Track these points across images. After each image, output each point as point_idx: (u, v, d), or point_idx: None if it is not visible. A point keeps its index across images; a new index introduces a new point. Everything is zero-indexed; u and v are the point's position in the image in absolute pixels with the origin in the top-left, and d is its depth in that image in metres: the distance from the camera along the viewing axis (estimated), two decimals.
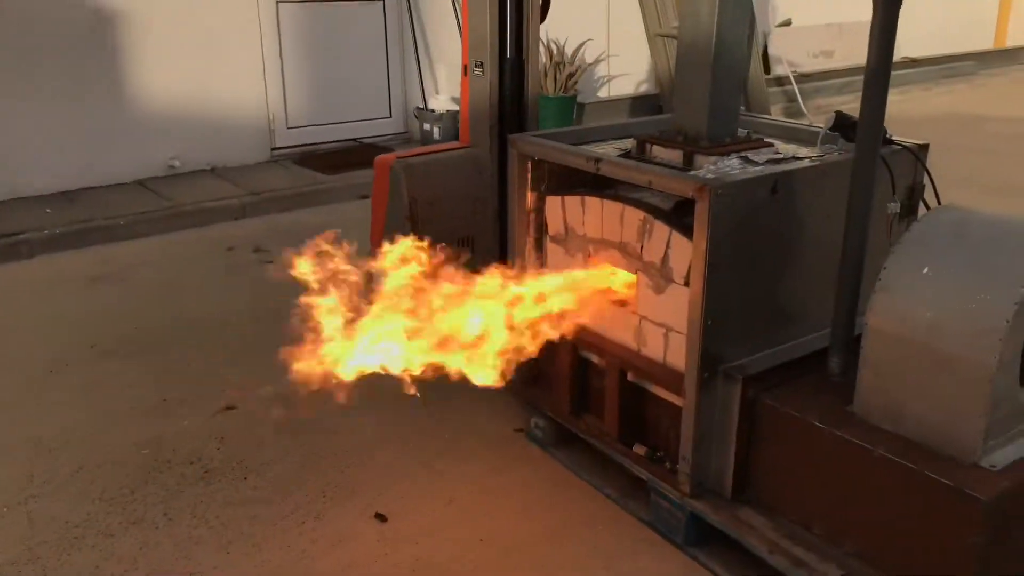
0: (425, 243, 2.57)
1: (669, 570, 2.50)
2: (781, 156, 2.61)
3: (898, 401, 2.16)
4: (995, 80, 11.84)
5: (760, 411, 2.39)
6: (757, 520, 2.40)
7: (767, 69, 10.00)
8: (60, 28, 5.78)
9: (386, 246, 2.58)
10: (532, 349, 2.60)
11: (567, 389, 2.91)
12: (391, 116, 7.53)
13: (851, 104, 8.57)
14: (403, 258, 2.54)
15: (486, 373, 2.48)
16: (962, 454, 2.06)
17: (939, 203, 2.60)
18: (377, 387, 2.47)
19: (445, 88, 7.41)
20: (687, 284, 2.41)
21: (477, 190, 3.56)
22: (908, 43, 11.68)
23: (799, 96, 7.74)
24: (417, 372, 2.47)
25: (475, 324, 2.53)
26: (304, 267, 2.45)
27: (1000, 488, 1.98)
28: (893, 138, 2.67)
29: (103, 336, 4.00)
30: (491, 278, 2.59)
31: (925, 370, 2.10)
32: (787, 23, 10.14)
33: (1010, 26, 13.32)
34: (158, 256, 5.16)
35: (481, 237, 3.58)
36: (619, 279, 2.77)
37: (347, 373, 2.43)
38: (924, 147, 2.72)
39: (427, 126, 7.19)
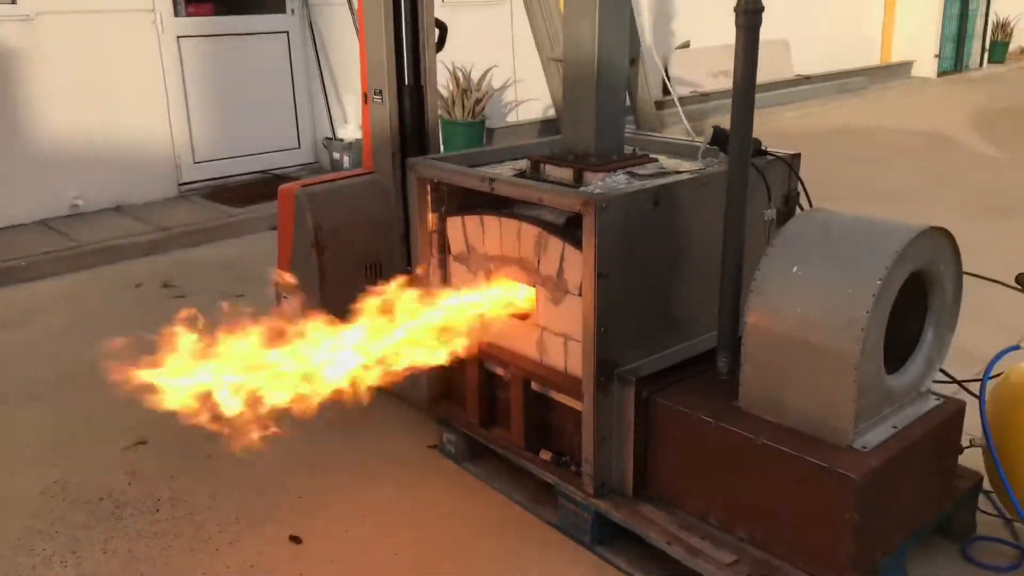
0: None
1: (579, 571, 2.59)
2: (664, 171, 2.77)
3: (777, 393, 2.31)
4: (885, 93, 12.49)
5: (654, 411, 2.52)
6: (657, 515, 2.52)
7: (668, 90, 10.37)
8: None
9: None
10: (439, 364, 2.69)
11: (476, 402, 3.00)
12: (300, 147, 7.55)
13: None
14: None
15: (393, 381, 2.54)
16: (836, 438, 2.21)
17: (811, 207, 2.78)
18: (285, 416, 2.50)
19: (353, 117, 7.48)
20: (581, 294, 2.53)
21: (382, 215, 3.63)
22: (803, 62, 12.26)
23: (682, 116, 8.13)
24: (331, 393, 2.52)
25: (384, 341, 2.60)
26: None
27: (870, 467, 2.14)
28: (767, 149, 2.86)
29: (1, 382, 3.91)
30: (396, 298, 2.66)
31: (799, 363, 2.25)
32: (685, 45, 10.53)
33: (894, 43, 14.08)
34: (64, 297, 5.06)
35: (389, 262, 3.65)
36: (520, 293, 2.87)
37: (258, 403, 2.47)
38: (796, 156, 2.91)
39: (336, 155, 7.24)
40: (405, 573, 2.61)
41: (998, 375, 2.56)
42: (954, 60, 14.37)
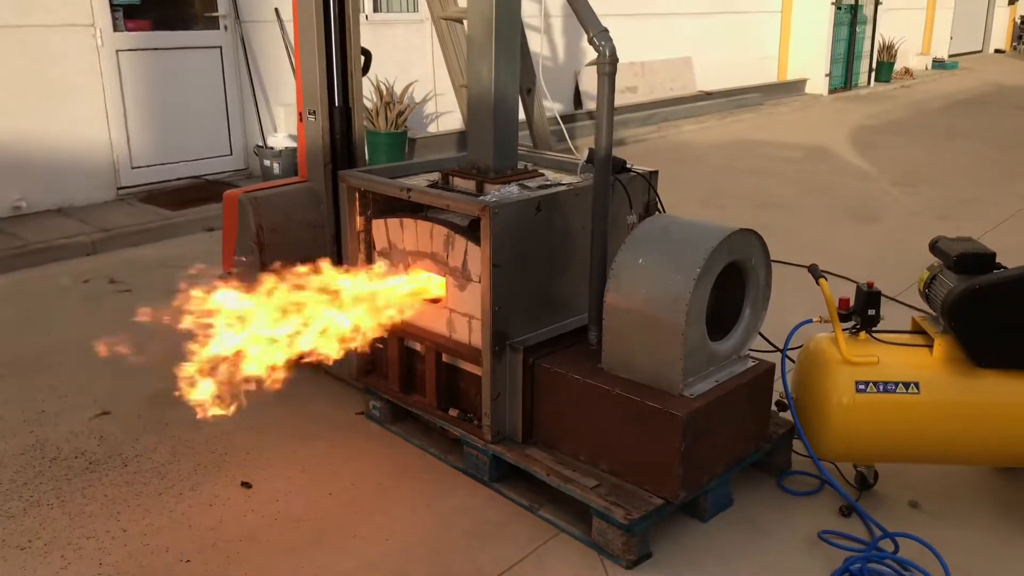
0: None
1: (478, 503, 3.24)
2: (548, 183, 3.44)
3: (628, 355, 3.01)
4: (778, 109, 13.53)
5: (538, 373, 3.18)
6: (540, 455, 3.18)
7: (579, 104, 11.14)
8: None
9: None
10: (366, 340, 3.30)
11: (397, 373, 3.62)
12: (232, 154, 8.04)
13: (655, 133, 10.03)
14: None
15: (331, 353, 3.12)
16: (670, 388, 2.91)
17: (663, 212, 3.50)
18: (234, 386, 3.05)
19: (283, 127, 8.00)
20: (480, 281, 3.18)
21: (315, 218, 4.22)
22: (705, 79, 13.20)
23: (567, 136, 8.93)
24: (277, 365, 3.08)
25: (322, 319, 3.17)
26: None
27: (693, 407, 2.84)
28: (631, 167, 3.56)
29: None
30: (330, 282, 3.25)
31: (643, 331, 2.95)
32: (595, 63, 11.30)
33: (790, 61, 15.19)
34: (14, 292, 5.48)
35: (321, 258, 4.23)
36: (432, 282, 3.50)
37: (208, 374, 3.01)
38: (654, 173, 3.62)
39: (267, 162, 7.74)
40: (338, 508, 3.21)
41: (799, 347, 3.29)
42: (844, 79, 15.58)
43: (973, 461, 3.23)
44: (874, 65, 16.36)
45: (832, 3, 14.72)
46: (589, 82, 11.25)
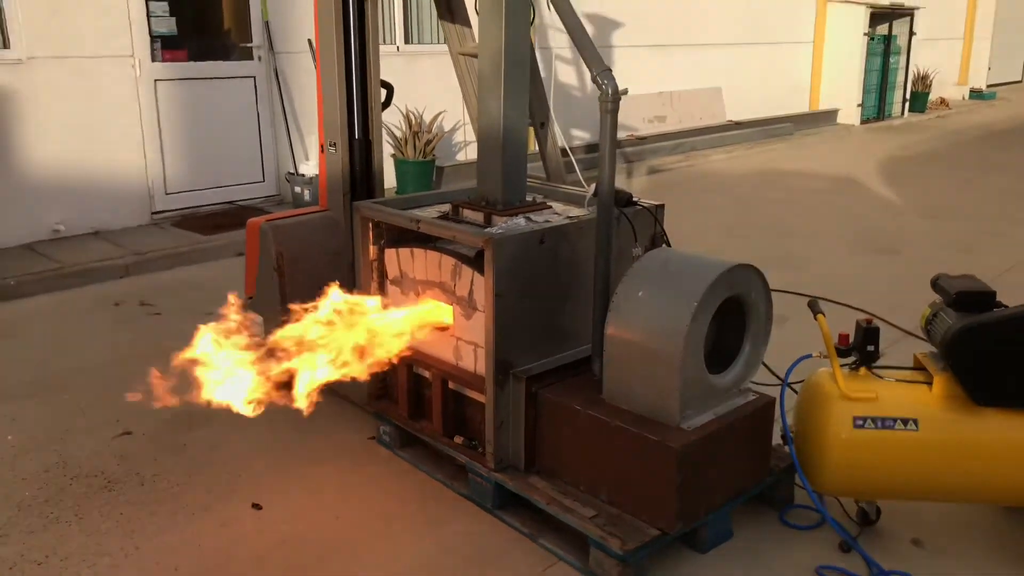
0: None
1: (480, 529, 3.30)
2: (555, 216, 3.52)
3: (628, 386, 3.06)
4: (808, 139, 13.52)
5: (540, 402, 3.25)
6: (541, 484, 3.24)
7: None
8: None
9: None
10: (379, 367, 3.39)
11: (405, 399, 3.71)
12: (264, 180, 8.25)
13: (683, 162, 10.07)
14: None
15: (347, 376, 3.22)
16: (668, 420, 2.96)
17: (669, 246, 3.56)
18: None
19: (314, 155, 8.19)
20: (485, 311, 3.26)
21: (334, 246, 4.34)
22: (735, 108, 13.24)
23: (577, 168, 8.94)
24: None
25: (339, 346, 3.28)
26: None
27: (689, 440, 2.89)
28: (638, 200, 3.63)
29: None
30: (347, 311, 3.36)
31: (642, 363, 3.00)
32: (623, 93, 11.41)
33: (822, 91, 15.18)
34: (49, 312, 5.68)
35: (340, 285, 4.34)
36: (441, 310, 3.59)
37: (229, 399, 3.13)
38: (660, 207, 3.68)
39: (298, 189, 7.93)
40: (344, 531, 3.29)
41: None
42: (877, 109, 15.52)
43: (974, 500, 3.22)
44: (908, 95, 16.27)
45: (865, 34, 14.70)
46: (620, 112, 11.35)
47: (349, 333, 3.32)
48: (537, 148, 4.53)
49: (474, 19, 3.95)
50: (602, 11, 10.82)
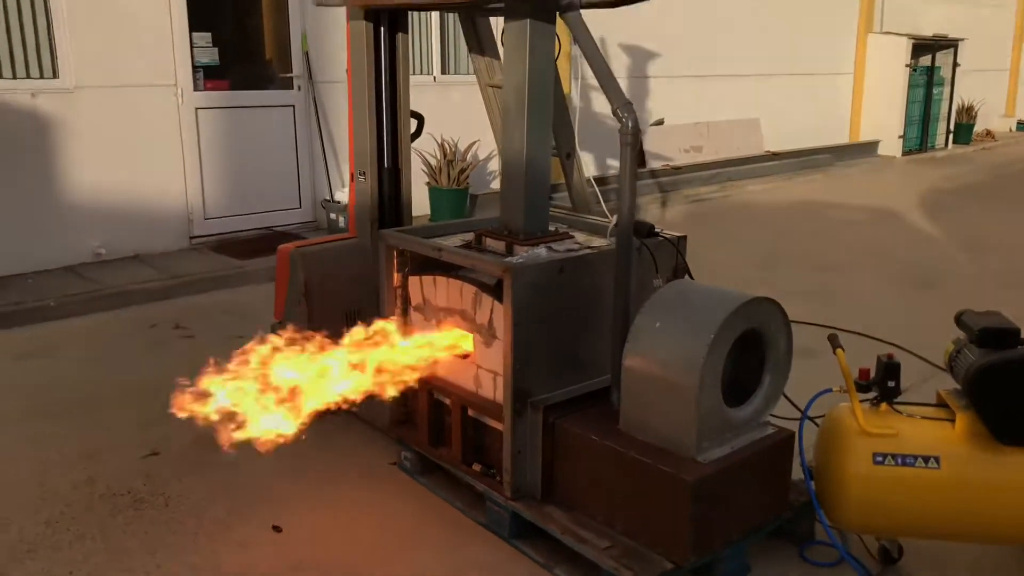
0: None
1: (496, 558, 3.30)
2: (576, 245, 3.55)
3: (645, 418, 3.06)
4: (848, 171, 13.40)
5: (558, 432, 3.25)
6: (558, 514, 3.24)
7: (643, 163, 11.26)
8: None
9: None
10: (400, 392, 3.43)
11: (425, 425, 3.74)
12: (301, 207, 8.39)
13: (719, 192, 10.09)
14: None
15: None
16: (684, 452, 2.95)
17: (691, 277, 3.56)
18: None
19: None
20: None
21: (361, 272, 4.40)
22: (773, 139, 13.19)
23: (600, 199, 8.84)
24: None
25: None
26: None
27: (703, 473, 2.87)
28: (660, 231, 3.64)
29: (34, 401, 4.64)
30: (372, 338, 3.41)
31: (659, 395, 3.00)
32: (660, 123, 11.46)
33: (863, 122, 15.05)
34: (87, 334, 5.82)
35: (365, 310, 4.41)
36: (462, 338, 3.62)
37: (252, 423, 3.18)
38: (682, 239, 3.69)
39: (333, 215, 8.05)
40: (360, 556, 3.32)
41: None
42: (919, 140, 15.35)
43: (997, 541, 3.15)
44: (952, 127, 16.07)
45: (907, 65, 14.58)
46: (653, 142, 11.39)
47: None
48: (564, 179, 4.56)
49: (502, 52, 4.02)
50: (640, 42, 10.89)
